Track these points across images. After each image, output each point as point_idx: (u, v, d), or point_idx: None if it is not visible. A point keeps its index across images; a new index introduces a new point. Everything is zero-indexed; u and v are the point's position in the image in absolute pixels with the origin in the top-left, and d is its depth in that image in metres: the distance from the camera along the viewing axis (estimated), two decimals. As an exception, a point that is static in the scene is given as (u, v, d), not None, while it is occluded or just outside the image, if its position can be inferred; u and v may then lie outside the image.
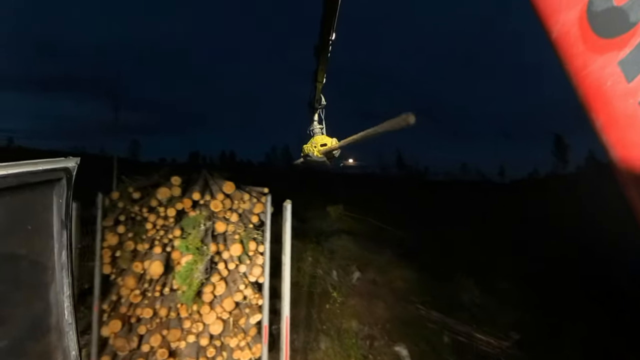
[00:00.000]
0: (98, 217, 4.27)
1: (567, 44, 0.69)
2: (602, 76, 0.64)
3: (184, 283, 3.78)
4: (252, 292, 4.09)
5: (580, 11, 0.66)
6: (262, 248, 4.26)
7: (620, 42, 0.62)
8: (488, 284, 9.21)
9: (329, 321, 6.08)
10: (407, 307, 7.84)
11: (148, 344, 3.86)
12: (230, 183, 4.41)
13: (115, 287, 4.28)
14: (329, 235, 10.32)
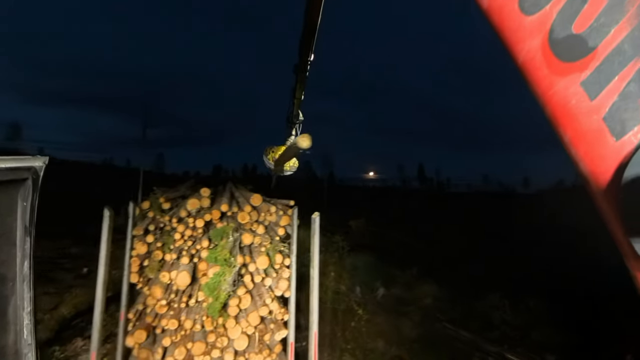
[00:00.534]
0: (128, 225, 4.32)
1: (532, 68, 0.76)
2: (566, 95, 0.70)
3: (212, 295, 3.74)
4: (278, 307, 4.01)
5: (543, 39, 0.73)
6: (288, 261, 4.20)
7: (581, 65, 0.68)
8: (519, 301, 8.78)
9: (353, 340, 5.89)
10: (435, 325, 7.54)
11: (172, 357, 3.82)
12: (258, 195, 4.41)
13: (142, 296, 4.29)
14: (351, 250, 10.16)
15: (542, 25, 0.74)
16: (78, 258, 10.78)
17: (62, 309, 7.74)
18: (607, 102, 0.66)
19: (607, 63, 0.66)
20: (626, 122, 0.64)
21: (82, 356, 5.91)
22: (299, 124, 5.38)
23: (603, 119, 0.66)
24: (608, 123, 0.66)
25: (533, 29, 0.75)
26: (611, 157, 0.65)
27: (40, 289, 8.37)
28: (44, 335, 6.82)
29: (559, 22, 0.72)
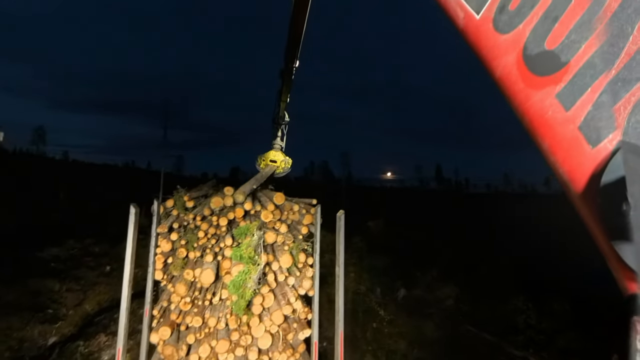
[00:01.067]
0: (153, 223, 4.35)
1: (509, 82, 0.80)
2: (543, 107, 0.74)
3: (237, 292, 3.73)
4: (301, 306, 3.97)
5: (517, 55, 0.78)
6: (311, 260, 4.16)
7: (555, 79, 0.73)
8: (543, 303, 8.51)
9: (375, 341, 5.81)
10: (457, 327, 7.38)
11: (196, 354, 3.82)
12: (281, 194, 4.39)
13: (166, 293, 4.32)
14: (371, 251, 10.05)
15: (516, 43, 0.79)
16: (101, 256, 11.01)
17: (86, 306, 7.92)
18: (582, 112, 0.70)
19: (580, 76, 0.71)
20: (601, 130, 0.68)
21: (106, 351, 6.02)
22: (285, 125, 5.64)
23: (579, 128, 0.70)
24: (584, 132, 0.69)
25: (508, 46, 0.80)
26: (588, 164, 0.69)
27: (65, 285, 8.60)
28: (68, 330, 7.00)
29: (532, 40, 0.77)
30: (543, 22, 0.76)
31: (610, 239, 0.66)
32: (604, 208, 0.66)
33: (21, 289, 8.12)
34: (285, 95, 5.00)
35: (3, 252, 10.52)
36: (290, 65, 4.34)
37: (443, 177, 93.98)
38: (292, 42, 3.81)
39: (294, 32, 3.63)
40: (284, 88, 4.83)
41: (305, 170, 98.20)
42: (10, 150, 74.73)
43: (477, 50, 0.88)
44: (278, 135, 5.63)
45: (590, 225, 0.71)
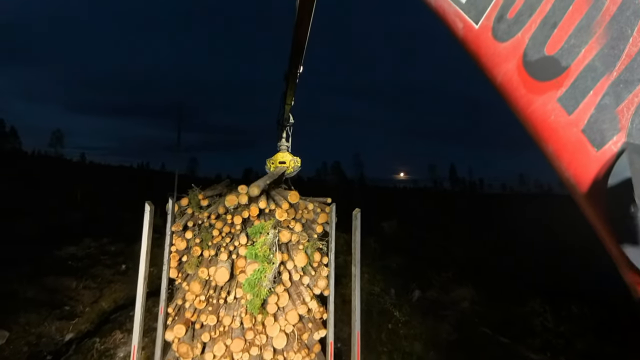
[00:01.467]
0: (168, 222, 4.36)
1: (511, 89, 0.81)
2: (545, 112, 0.74)
3: (252, 291, 3.70)
4: (317, 306, 3.92)
5: (517, 62, 0.79)
6: (326, 259, 4.11)
7: (557, 83, 0.73)
8: (560, 306, 8.29)
9: (390, 343, 5.72)
10: (473, 330, 7.23)
11: (211, 352, 3.81)
12: (295, 192, 4.35)
13: (181, 291, 4.33)
14: (384, 251, 9.94)
15: (515, 51, 0.80)
16: (117, 255, 11.19)
17: (102, 303, 8.04)
18: (585, 115, 0.70)
19: (581, 79, 0.71)
20: (605, 132, 0.67)
21: (121, 348, 6.08)
22: (289, 126, 5.71)
23: (582, 131, 0.70)
24: (587, 135, 0.69)
25: (508, 54, 0.81)
26: (594, 167, 0.68)
27: (82, 283, 8.75)
28: (85, 327, 7.11)
29: (531, 46, 0.78)
30: (542, 29, 0.76)
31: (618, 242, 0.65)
32: (611, 211, 0.65)
33: (39, 287, 8.29)
34: (289, 99, 5.08)
35: (22, 250, 10.77)
36: (294, 70, 4.42)
37: (457, 177, 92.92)
38: (296, 51, 3.89)
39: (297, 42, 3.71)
40: (289, 91, 4.91)
41: (318, 171, 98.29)
42: (29, 152, 76.85)
43: (478, 59, 0.89)
44: (283, 137, 5.72)
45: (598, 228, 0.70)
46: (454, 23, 0.96)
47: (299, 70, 4.43)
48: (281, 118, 5.50)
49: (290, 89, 4.84)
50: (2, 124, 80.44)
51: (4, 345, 6.17)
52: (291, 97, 5.06)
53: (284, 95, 5.12)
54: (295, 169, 5.87)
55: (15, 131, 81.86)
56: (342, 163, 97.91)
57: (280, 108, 5.39)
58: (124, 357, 5.84)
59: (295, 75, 4.49)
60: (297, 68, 4.36)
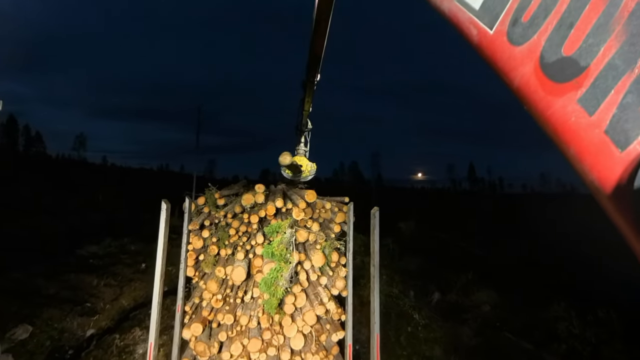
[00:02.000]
0: (185, 220, 4.38)
1: (528, 92, 0.79)
2: (565, 114, 0.72)
3: (268, 290, 3.66)
4: (334, 307, 3.84)
5: (534, 65, 0.77)
6: (344, 260, 4.03)
7: (576, 84, 0.71)
8: (586, 311, 7.97)
9: (410, 346, 5.58)
10: (495, 334, 7.01)
11: (228, 352, 3.78)
12: (312, 191, 4.28)
13: (198, 290, 4.32)
14: (402, 253, 9.77)
15: (532, 53, 0.78)
16: (137, 254, 11.42)
17: (122, 301, 8.18)
18: (607, 116, 0.67)
19: (601, 79, 0.68)
20: (629, 132, 0.65)
21: (140, 345, 6.15)
22: (308, 132, 5.73)
23: (605, 132, 0.67)
24: (610, 135, 0.66)
25: (524, 57, 0.79)
26: (618, 168, 0.65)
27: (103, 281, 8.94)
28: (105, 323, 7.24)
29: (547, 49, 0.75)
30: (558, 30, 0.74)
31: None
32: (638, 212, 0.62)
33: (62, 283, 8.52)
34: (307, 105, 5.14)
35: (46, 248, 11.11)
36: (312, 79, 4.46)
37: (476, 177, 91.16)
38: (313, 60, 3.92)
39: (314, 51, 3.75)
40: (306, 98, 4.95)
41: (335, 172, 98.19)
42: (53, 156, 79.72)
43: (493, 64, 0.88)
44: (302, 142, 5.77)
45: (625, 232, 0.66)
46: (468, 30, 0.95)
47: (317, 78, 4.47)
48: (299, 124, 5.57)
49: (308, 96, 4.88)
50: (28, 129, 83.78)
51: (28, 339, 6.34)
52: (309, 104, 5.11)
53: (301, 102, 5.18)
54: (311, 173, 5.91)
55: (40, 136, 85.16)
56: (359, 163, 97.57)
57: (299, 114, 5.46)
58: (142, 354, 5.91)
59: (313, 83, 4.52)
60: (315, 76, 4.40)
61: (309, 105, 5.15)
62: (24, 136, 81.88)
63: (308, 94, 4.78)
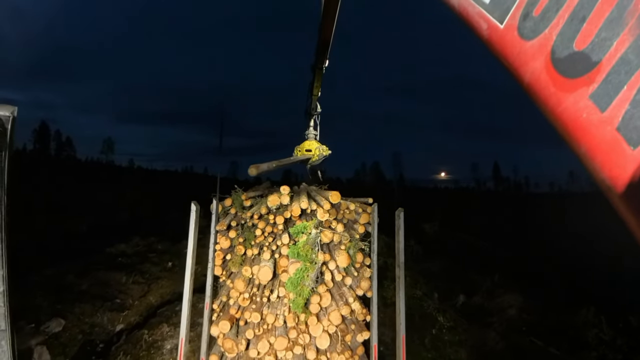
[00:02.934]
0: (212, 221, 4.49)
1: (539, 88, 0.77)
2: (577, 110, 0.71)
3: (294, 290, 3.71)
4: (359, 307, 3.86)
5: (546, 60, 0.75)
6: (368, 260, 4.05)
7: (588, 80, 0.69)
8: (617, 317, 7.65)
9: (435, 349, 5.52)
10: (522, 339, 6.84)
11: (255, 349, 3.86)
12: (336, 193, 4.32)
13: (225, 289, 4.43)
14: (426, 254, 9.66)
15: (543, 48, 0.76)
16: (163, 253, 11.76)
17: (150, 297, 8.44)
18: (619, 112, 0.65)
19: (614, 74, 0.66)
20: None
21: (168, 341, 6.33)
22: (317, 115, 5.86)
23: (617, 129, 0.65)
24: (622, 132, 0.65)
25: (535, 52, 0.78)
26: (630, 166, 0.64)
27: (131, 278, 9.24)
28: (134, 319, 7.49)
29: (559, 43, 0.74)
30: (570, 24, 0.73)
31: None
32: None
33: (92, 280, 8.86)
34: (316, 90, 5.22)
35: (77, 247, 11.58)
36: (320, 65, 4.52)
37: (501, 176, 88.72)
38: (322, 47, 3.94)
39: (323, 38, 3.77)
40: (315, 83, 5.01)
41: (356, 172, 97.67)
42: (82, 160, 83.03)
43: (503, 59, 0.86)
44: (311, 125, 5.87)
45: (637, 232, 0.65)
46: (478, 24, 0.94)
47: (325, 64, 4.54)
48: (309, 107, 5.66)
49: (317, 81, 4.97)
50: (59, 135, 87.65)
51: (61, 332, 6.62)
52: (318, 88, 5.18)
53: (310, 86, 5.27)
54: (321, 157, 5.96)
55: (70, 141, 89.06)
56: (381, 163, 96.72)
57: (308, 98, 5.56)
58: (170, 350, 6.08)
59: (321, 69, 4.59)
60: (323, 63, 4.44)
61: (318, 90, 5.22)
62: (55, 141, 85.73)
63: (317, 79, 4.85)
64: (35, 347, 5.95)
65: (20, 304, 6.76)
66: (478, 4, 0.93)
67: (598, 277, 10.33)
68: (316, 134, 6.05)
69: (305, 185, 5.34)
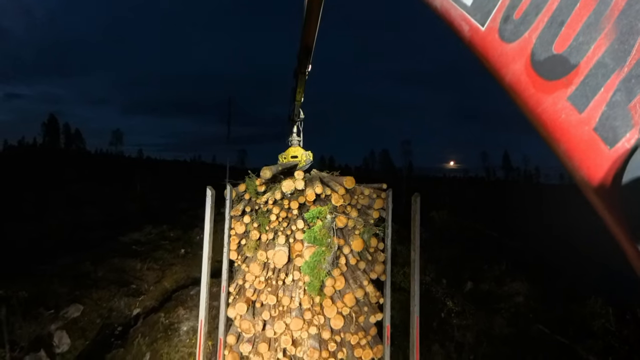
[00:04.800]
0: (227, 206, 4.57)
1: (519, 89, 0.79)
2: (555, 111, 0.73)
3: (311, 273, 3.83)
4: (373, 290, 3.97)
5: (525, 62, 0.78)
6: (382, 245, 4.14)
7: (566, 82, 0.71)
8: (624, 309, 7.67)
9: (442, 332, 5.64)
10: (528, 326, 6.92)
11: (272, 329, 4.00)
12: (351, 178, 4.38)
13: (241, 272, 4.55)
14: (435, 242, 9.73)
15: (523, 50, 0.78)
16: (176, 240, 11.99)
17: (165, 283, 8.66)
18: (596, 113, 0.68)
19: (591, 77, 0.69)
20: (617, 129, 0.66)
21: (184, 323, 6.54)
22: (300, 122, 5.79)
23: (594, 129, 0.68)
24: (599, 133, 0.67)
25: (515, 54, 0.80)
26: (607, 165, 0.66)
27: (145, 265, 9.46)
28: (150, 303, 7.70)
29: (539, 46, 0.76)
30: (549, 28, 0.75)
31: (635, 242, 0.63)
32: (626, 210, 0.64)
33: (108, 267, 9.11)
34: (299, 96, 5.14)
35: (91, 236, 11.84)
36: (303, 70, 4.43)
37: (511, 165, 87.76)
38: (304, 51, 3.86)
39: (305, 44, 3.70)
40: (298, 89, 4.93)
41: (365, 160, 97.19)
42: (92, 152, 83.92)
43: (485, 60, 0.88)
44: (294, 132, 5.82)
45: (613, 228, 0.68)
46: (460, 26, 0.96)
47: (308, 69, 4.44)
48: (292, 114, 5.60)
49: (299, 87, 4.88)
50: (68, 128, 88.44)
51: (80, 316, 6.86)
52: (300, 94, 5.11)
53: (293, 92, 5.17)
54: (308, 162, 6.00)
55: (79, 133, 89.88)
56: (390, 151, 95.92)
57: (291, 104, 5.47)
58: (187, 331, 6.28)
59: (304, 74, 4.50)
60: (306, 67, 4.36)
61: (301, 95, 5.14)
62: (64, 134, 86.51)
63: (299, 84, 4.78)
64: (55, 331, 6.17)
65: (39, 291, 7.01)
66: (460, 7, 0.95)
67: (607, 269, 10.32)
68: (300, 140, 6.03)
69: (317, 171, 5.40)
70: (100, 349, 5.89)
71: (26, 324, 6.09)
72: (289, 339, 3.94)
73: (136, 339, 6.01)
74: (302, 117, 5.76)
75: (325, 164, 79.11)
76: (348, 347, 3.92)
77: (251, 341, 4.16)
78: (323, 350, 3.87)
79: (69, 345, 6.03)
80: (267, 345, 3.98)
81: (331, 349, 3.85)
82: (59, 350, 5.95)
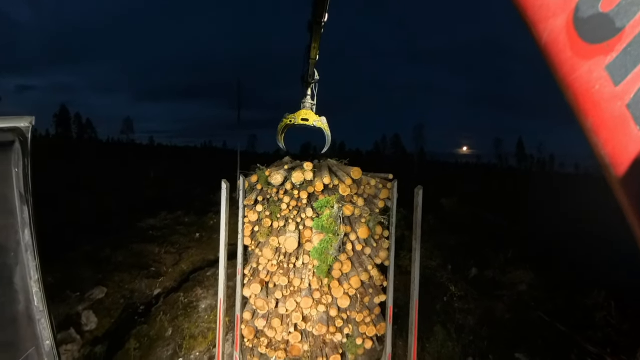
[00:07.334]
0: (240, 197, 4.87)
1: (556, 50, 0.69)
2: (590, 80, 0.64)
3: (319, 258, 4.15)
4: (377, 274, 4.29)
5: (568, 18, 0.67)
6: (387, 233, 4.42)
7: (607, 48, 0.62)
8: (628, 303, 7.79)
9: (445, 314, 5.95)
10: (529, 314, 7.16)
11: (284, 307, 4.37)
12: (358, 169, 4.64)
13: (254, 256, 4.91)
14: (443, 228, 9.97)
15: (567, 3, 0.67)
16: (191, 225, 12.49)
17: (182, 265, 9.14)
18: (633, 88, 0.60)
19: (635, 45, 0.60)
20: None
21: (202, 302, 6.99)
22: (315, 84, 5.31)
23: (627, 105, 0.61)
24: (632, 110, 0.60)
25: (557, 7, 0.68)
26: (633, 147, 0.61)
27: (163, 249, 9.94)
28: (169, 284, 8.18)
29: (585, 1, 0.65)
30: None
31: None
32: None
33: (127, 252, 9.60)
34: (314, 52, 4.62)
35: (109, 223, 12.38)
36: (318, 20, 3.93)
37: (525, 153, 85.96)
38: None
39: None
40: (313, 44, 4.43)
41: (376, 144, 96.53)
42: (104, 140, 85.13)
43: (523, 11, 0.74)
44: (308, 94, 5.38)
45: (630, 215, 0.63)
46: None
47: (324, 19, 3.95)
48: (305, 74, 5.10)
49: (315, 42, 4.37)
50: (79, 117, 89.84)
51: (104, 298, 7.35)
52: (316, 50, 4.59)
53: (307, 49, 4.66)
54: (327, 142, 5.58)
55: (90, 123, 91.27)
56: (402, 135, 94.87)
57: (305, 63, 4.97)
58: (205, 309, 6.72)
59: (320, 25, 4.01)
60: (322, 17, 3.87)
61: (316, 52, 4.60)
62: (75, 124, 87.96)
63: (315, 38, 4.23)
64: (83, 312, 6.65)
65: (64, 276, 7.50)
66: None
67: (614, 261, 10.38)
68: (313, 104, 5.57)
69: (327, 160, 5.65)
70: (126, 326, 6.36)
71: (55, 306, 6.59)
72: (299, 315, 4.31)
73: (158, 317, 6.47)
74: (317, 79, 5.24)
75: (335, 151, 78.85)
76: (354, 324, 4.27)
77: (265, 317, 4.55)
78: (331, 326, 4.23)
79: (96, 323, 6.49)
80: (280, 320, 4.36)
81: (338, 325, 4.22)
82: (87, 328, 6.41)
